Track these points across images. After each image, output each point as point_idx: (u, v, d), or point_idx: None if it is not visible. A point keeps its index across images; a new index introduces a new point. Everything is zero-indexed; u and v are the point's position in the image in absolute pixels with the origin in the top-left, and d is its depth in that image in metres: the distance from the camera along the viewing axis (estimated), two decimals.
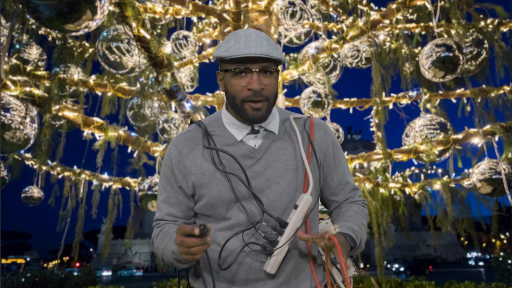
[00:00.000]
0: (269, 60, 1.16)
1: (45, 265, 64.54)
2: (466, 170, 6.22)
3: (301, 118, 1.32)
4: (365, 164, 6.22)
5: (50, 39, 6.16)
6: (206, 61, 6.31)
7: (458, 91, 6.62)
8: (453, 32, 5.85)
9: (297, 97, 6.08)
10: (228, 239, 1.17)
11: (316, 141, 1.29)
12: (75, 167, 6.72)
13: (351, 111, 6.97)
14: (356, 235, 1.18)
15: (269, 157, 1.23)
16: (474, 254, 63.66)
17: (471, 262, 52.90)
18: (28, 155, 6.85)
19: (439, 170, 7.03)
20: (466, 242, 59.89)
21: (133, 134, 5.02)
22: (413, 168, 7.23)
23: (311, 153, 1.25)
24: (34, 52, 5.50)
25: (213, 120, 1.31)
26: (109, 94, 5.67)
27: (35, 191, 7.10)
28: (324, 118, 5.65)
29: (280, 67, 1.26)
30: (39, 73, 4.94)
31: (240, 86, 1.17)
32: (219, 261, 1.16)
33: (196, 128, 1.29)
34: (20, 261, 52.93)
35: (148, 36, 3.55)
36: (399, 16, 4.85)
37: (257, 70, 1.15)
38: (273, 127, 1.26)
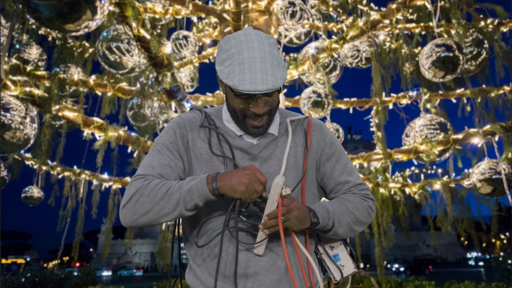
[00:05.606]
0: None
1: (45, 265, 64.59)
2: (466, 170, 6.22)
3: (299, 119, 1.33)
4: (365, 164, 6.23)
5: (50, 39, 6.17)
6: (206, 61, 6.30)
7: (458, 91, 6.62)
8: (453, 32, 5.85)
9: (297, 97, 6.09)
10: (207, 219, 1.18)
11: (313, 142, 1.30)
12: (75, 167, 6.72)
13: (351, 111, 6.99)
14: (328, 215, 1.18)
15: (266, 154, 1.24)
16: (474, 254, 63.66)
17: (471, 262, 52.84)
18: (28, 155, 6.86)
19: (439, 170, 7.04)
20: (466, 242, 59.89)
21: (133, 134, 5.01)
22: (413, 168, 7.24)
23: (306, 154, 1.26)
24: (34, 52, 5.51)
25: (215, 111, 1.31)
26: (109, 94, 5.67)
27: (35, 191, 7.11)
28: (324, 118, 5.65)
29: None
30: (39, 73, 4.94)
31: (242, 106, 1.16)
32: (196, 238, 1.18)
33: (198, 114, 1.30)
34: (20, 261, 52.92)
35: (148, 36, 3.55)
36: (399, 16, 4.85)
37: (261, 96, 1.14)
38: (273, 130, 1.27)
